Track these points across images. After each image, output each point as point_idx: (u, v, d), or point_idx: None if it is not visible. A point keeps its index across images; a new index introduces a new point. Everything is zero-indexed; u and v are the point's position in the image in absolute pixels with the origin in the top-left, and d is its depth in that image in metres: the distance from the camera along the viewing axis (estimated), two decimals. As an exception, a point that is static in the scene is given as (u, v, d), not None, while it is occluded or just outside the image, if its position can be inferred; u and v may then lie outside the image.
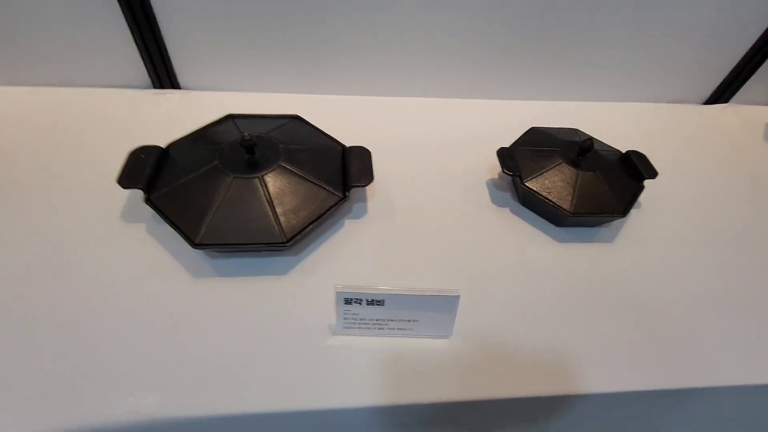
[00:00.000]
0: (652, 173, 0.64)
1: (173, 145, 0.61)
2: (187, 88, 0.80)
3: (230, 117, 0.66)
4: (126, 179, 0.54)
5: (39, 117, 0.71)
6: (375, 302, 0.47)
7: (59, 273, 0.52)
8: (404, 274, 0.57)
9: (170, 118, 0.74)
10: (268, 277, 0.54)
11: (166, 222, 0.52)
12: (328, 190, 0.57)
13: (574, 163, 0.62)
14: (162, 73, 0.76)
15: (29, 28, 0.70)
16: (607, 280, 0.58)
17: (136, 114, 0.74)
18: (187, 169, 0.55)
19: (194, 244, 0.50)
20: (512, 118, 0.81)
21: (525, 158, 0.64)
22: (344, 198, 0.57)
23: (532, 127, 0.70)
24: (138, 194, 0.60)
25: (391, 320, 0.48)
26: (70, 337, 0.47)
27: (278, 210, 0.53)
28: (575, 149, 0.63)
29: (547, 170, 0.62)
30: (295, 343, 0.49)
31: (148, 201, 0.53)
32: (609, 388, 0.48)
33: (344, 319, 0.48)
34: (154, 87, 0.78)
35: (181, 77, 0.79)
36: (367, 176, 0.59)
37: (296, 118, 0.67)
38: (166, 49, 0.74)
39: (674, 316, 0.56)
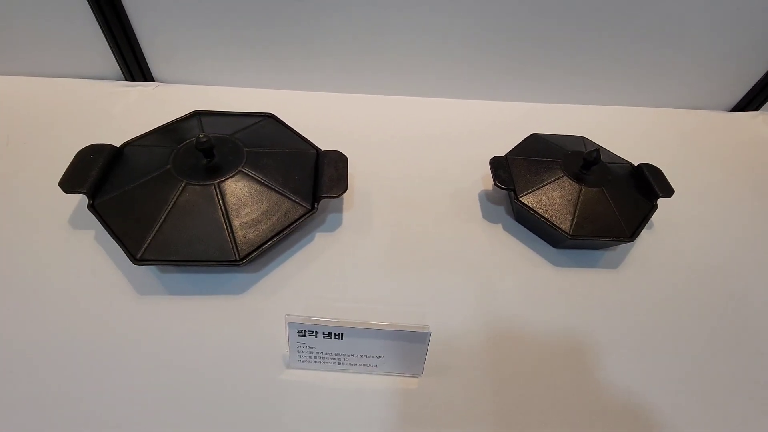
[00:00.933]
0: (667, 191, 0.56)
1: (129, 145, 0.55)
2: (161, 81, 0.74)
3: (197, 114, 0.60)
4: (68, 182, 0.49)
5: None
6: (333, 335, 0.41)
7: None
8: (377, 297, 0.50)
9: (140, 112, 0.69)
10: (221, 296, 0.48)
11: (108, 232, 0.46)
12: (293, 201, 0.50)
13: (577, 177, 0.55)
14: (132, 65, 0.70)
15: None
16: (610, 313, 0.51)
17: (103, 107, 0.69)
18: (138, 173, 0.50)
19: (135, 259, 0.44)
20: (513, 122, 0.74)
21: (521, 169, 0.57)
22: (312, 210, 0.51)
23: (533, 134, 0.63)
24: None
25: (352, 355, 0.42)
26: None
27: (234, 222, 0.47)
28: (579, 161, 0.55)
29: (546, 184, 0.55)
30: (244, 375, 0.43)
31: (92, 207, 0.48)
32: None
33: (298, 352, 0.42)
34: (126, 79, 0.73)
35: (155, 69, 0.73)
36: (340, 186, 0.52)
37: (270, 117, 0.61)
38: (136, 39, 0.68)
39: (685, 357, 0.48)
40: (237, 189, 0.49)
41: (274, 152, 0.54)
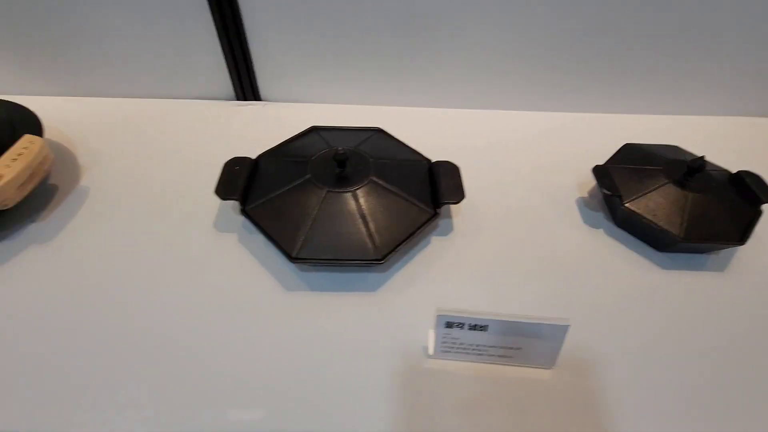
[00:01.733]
0: (772, 197, 0.58)
1: (262, 157, 0.61)
2: (267, 100, 0.82)
3: (314, 129, 0.66)
4: (223, 190, 0.55)
5: (131, 126, 0.75)
6: (478, 327, 0.44)
7: (153, 277, 0.54)
8: (494, 296, 0.54)
9: (253, 129, 0.76)
10: (358, 293, 0.53)
11: (263, 234, 0.52)
12: (419, 207, 0.55)
13: (681, 184, 0.58)
14: (246, 86, 0.78)
15: (125, 44, 0.74)
16: (722, 315, 0.53)
17: (222, 125, 0.76)
18: (280, 182, 0.56)
19: (291, 258, 0.50)
20: (599, 132, 0.78)
21: (623, 177, 0.60)
22: (435, 215, 0.55)
23: (627, 144, 0.66)
24: (226, 204, 0.61)
25: (492, 347, 0.46)
26: (156, 344, 0.48)
27: (371, 226, 0.52)
28: (682, 168, 0.58)
29: (651, 191, 0.58)
30: (388, 364, 0.47)
31: (244, 212, 0.54)
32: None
33: (442, 342, 0.46)
34: (238, 98, 0.81)
35: (263, 89, 0.81)
36: (459, 193, 0.57)
37: (379, 131, 0.67)
38: (252, 63, 0.76)
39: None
40: (370, 196, 0.54)
41: (393, 162, 0.60)
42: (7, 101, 0.62)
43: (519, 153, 0.73)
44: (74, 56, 0.75)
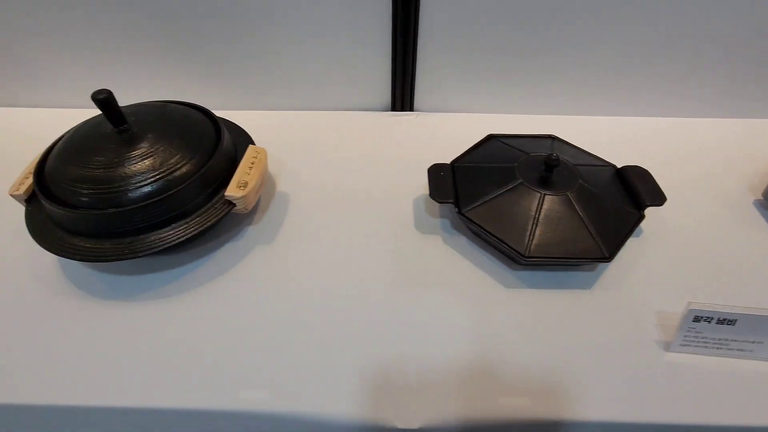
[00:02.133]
0: None
1: (455, 163, 0.65)
2: (419, 110, 0.87)
3: (492, 137, 0.70)
4: (437, 194, 0.59)
5: (304, 137, 0.81)
6: (726, 321, 0.47)
7: (370, 276, 0.58)
8: (698, 295, 0.56)
9: (416, 137, 0.80)
10: (575, 290, 0.56)
11: (488, 235, 0.56)
12: (626, 209, 0.58)
13: None
14: (406, 97, 0.83)
15: (305, 64, 0.80)
16: None
17: (386, 134, 0.81)
18: (491, 186, 0.59)
19: (524, 257, 0.53)
20: (753, 136, 0.80)
21: (812, 179, 0.62)
22: (641, 217, 0.58)
23: (802, 147, 0.68)
24: (419, 207, 0.66)
25: (734, 340, 0.48)
26: (376, 342, 0.51)
27: (590, 225, 0.55)
28: None
29: None
30: (623, 357, 0.50)
31: (461, 215, 0.58)
32: None
33: (684, 336, 0.49)
34: (393, 109, 0.86)
35: (417, 100, 0.85)
36: (660, 195, 0.59)
37: (554, 138, 0.70)
38: (415, 77, 0.81)
39: None
40: (582, 198, 0.57)
41: (586, 167, 0.63)
42: (225, 118, 0.68)
43: (683, 158, 0.75)
44: (254, 73, 0.82)
